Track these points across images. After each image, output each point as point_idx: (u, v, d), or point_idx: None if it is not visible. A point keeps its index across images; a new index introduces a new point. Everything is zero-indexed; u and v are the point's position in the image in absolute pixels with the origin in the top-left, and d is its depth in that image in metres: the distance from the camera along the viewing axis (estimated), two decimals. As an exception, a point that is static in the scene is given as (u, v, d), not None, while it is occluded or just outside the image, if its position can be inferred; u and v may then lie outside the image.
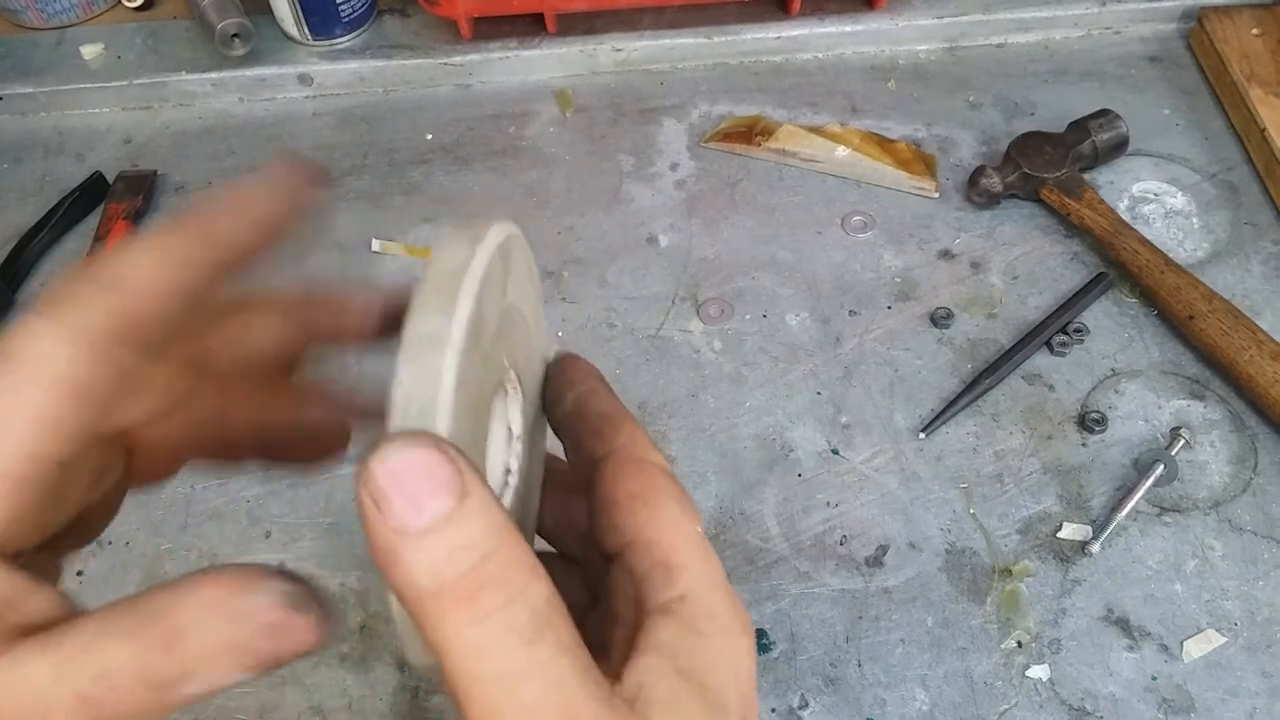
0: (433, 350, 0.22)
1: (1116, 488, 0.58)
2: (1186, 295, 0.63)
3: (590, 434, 0.27)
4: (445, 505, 0.20)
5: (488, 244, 0.24)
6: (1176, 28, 0.82)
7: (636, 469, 0.26)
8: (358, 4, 0.80)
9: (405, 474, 0.20)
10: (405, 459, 0.20)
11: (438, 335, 0.22)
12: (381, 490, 0.20)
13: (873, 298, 0.67)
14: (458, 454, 0.20)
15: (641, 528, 0.25)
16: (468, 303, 0.23)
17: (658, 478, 0.26)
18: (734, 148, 0.75)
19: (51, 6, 0.84)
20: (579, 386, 0.29)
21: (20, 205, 0.75)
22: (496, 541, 0.20)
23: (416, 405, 0.22)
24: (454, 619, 0.20)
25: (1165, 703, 0.51)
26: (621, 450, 0.26)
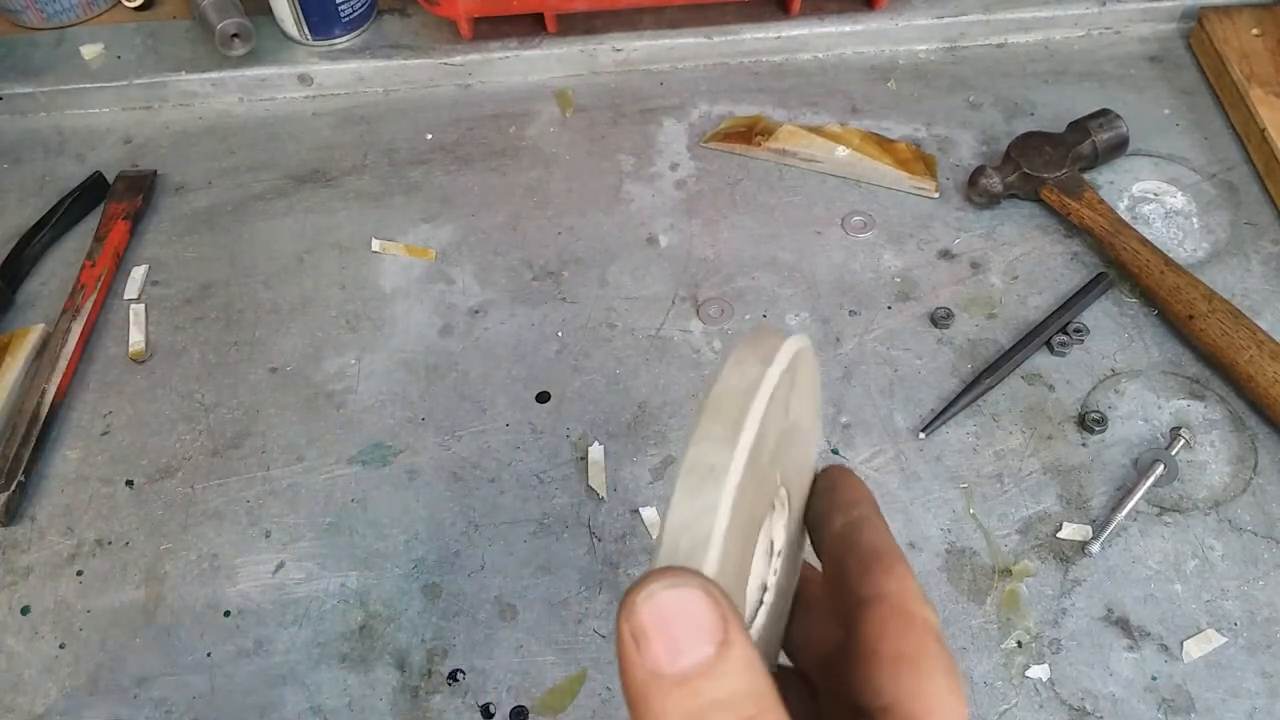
0: (712, 485, 0.21)
1: (1116, 488, 0.58)
2: (1186, 295, 0.63)
3: (859, 569, 0.25)
4: (705, 654, 0.19)
5: (778, 365, 0.23)
6: (1176, 28, 0.82)
7: (907, 626, 0.24)
8: (358, 4, 0.80)
9: (669, 614, 0.19)
10: (670, 598, 0.19)
11: (718, 467, 0.21)
12: (643, 627, 0.19)
13: (873, 298, 0.67)
14: (724, 598, 0.20)
15: (905, 696, 0.23)
16: (751, 433, 0.21)
17: (928, 641, 0.24)
18: (734, 148, 0.75)
19: (51, 6, 0.84)
20: (851, 512, 0.27)
21: (20, 205, 0.75)
22: (757, 705, 0.19)
23: (688, 541, 0.21)
24: None
25: (1165, 703, 0.51)
26: (892, 599, 0.24)
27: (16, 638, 0.56)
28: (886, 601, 0.24)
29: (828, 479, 0.29)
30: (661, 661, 0.19)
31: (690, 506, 0.21)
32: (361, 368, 0.65)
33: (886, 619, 0.24)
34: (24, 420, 0.62)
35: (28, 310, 0.70)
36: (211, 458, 0.62)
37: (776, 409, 0.23)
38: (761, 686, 0.19)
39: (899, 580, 0.25)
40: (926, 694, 0.23)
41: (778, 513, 0.27)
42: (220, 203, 0.75)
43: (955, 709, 0.23)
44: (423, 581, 0.57)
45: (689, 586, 0.19)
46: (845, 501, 0.27)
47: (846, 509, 0.27)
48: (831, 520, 0.27)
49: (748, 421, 0.21)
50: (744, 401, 0.22)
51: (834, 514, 0.27)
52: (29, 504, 0.60)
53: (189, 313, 0.69)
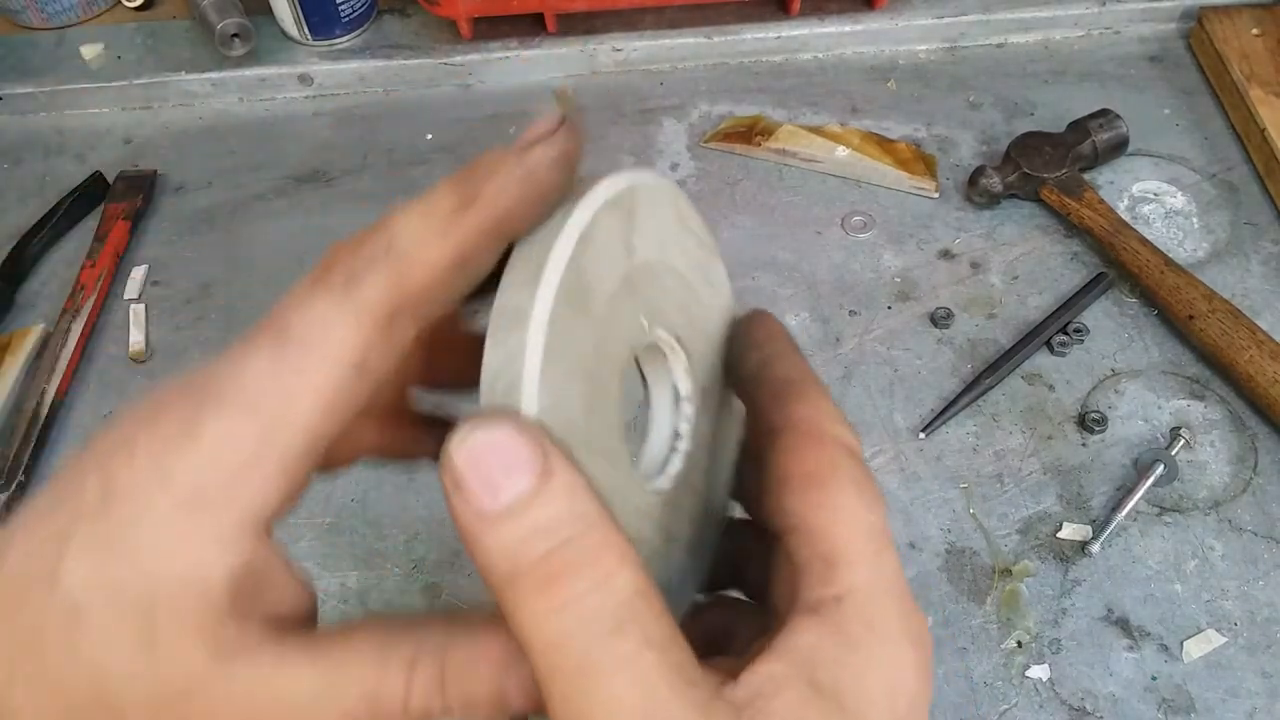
0: (518, 326, 0.21)
1: (1116, 488, 0.58)
2: (1186, 295, 0.63)
3: (770, 400, 0.24)
4: (523, 486, 0.19)
5: (588, 202, 0.22)
6: (1176, 28, 0.82)
7: (815, 443, 0.23)
8: (358, 4, 0.80)
9: (482, 456, 0.19)
10: (482, 440, 0.19)
11: (523, 308, 0.21)
12: (459, 472, 0.19)
13: (873, 298, 0.67)
14: (540, 433, 0.20)
15: (809, 512, 0.22)
16: (556, 271, 0.21)
17: (838, 456, 0.23)
18: (734, 148, 0.75)
19: (51, 6, 0.84)
20: (764, 348, 0.26)
21: (20, 205, 0.75)
22: (581, 525, 0.19)
23: (502, 384, 0.21)
24: (530, 605, 0.19)
25: (1165, 703, 0.51)
26: (803, 422, 0.23)
27: None
28: (797, 425, 0.23)
29: (742, 323, 0.28)
30: (481, 500, 0.19)
31: (500, 351, 0.21)
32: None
33: (796, 441, 0.23)
34: (24, 420, 0.62)
35: (28, 310, 0.70)
36: (211, 458, 0.62)
37: (605, 248, 0.23)
38: (584, 508, 0.19)
39: (811, 404, 0.24)
40: (831, 507, 0.22)
41: (673, 358, 0.26)
42: (220, 203, 0.75)
43: (863, 519, 0.22)
44: (423, 581, 0.57)
45: (499, 426, 0.19)
46: (757, 339, 0.27)
47: (759, 346, 0.26)
48: (745, 360, 0.26)
49: (550, 260, 0.21)
50: (547, 244, 0.21)
51: (747, 353, 0.27)
52: (29, 504, 0.60)
53: (189, 313, 0.69)
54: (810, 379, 0.25)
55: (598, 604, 0.19)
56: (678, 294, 0.26)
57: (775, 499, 0.23)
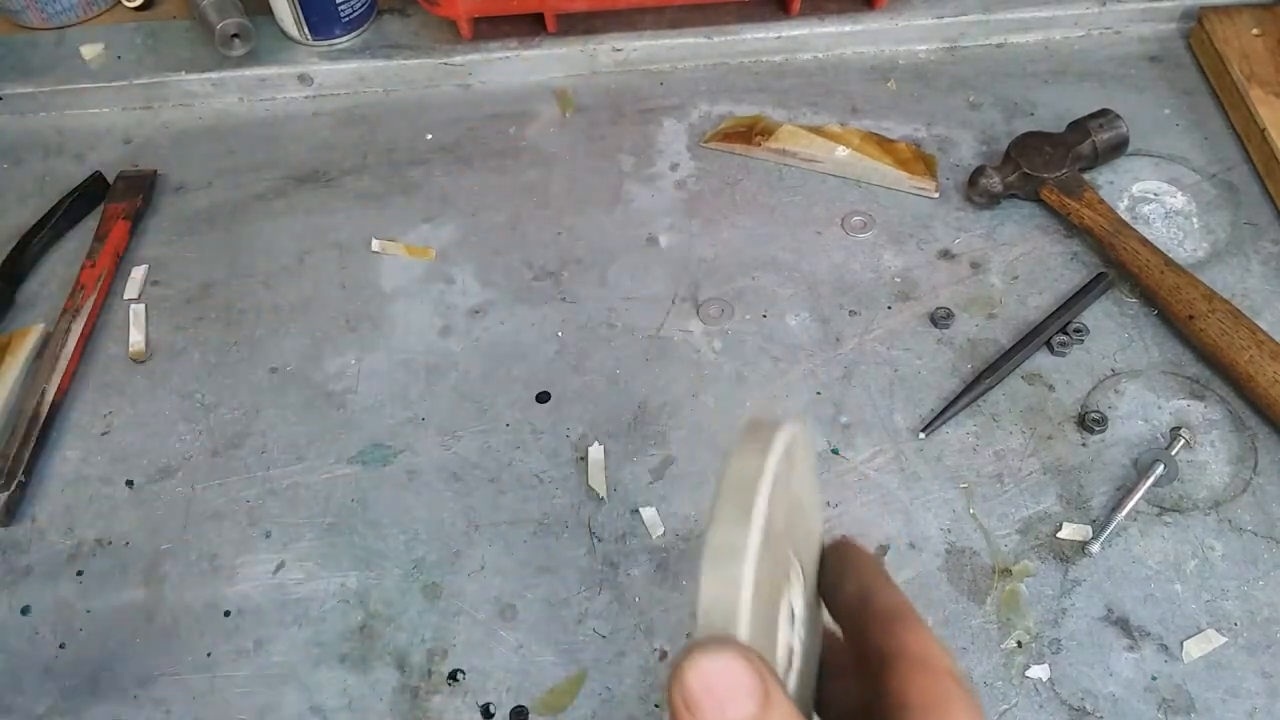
0: (732, 561, 0.24)
1: (1116, 488, 0.58)
2: (1186, 295, 0.63)
3: (879, 629, 0.27)
4: (749, 710, 0.21)
5: (775, 451, 0.26)
6: (1176, 28, 0.82)
7: (930, 676, 0.26)
8: (358, 4, 0.80)
9: (714, 679, 0.21)
10: (714, 665, 0.21)
11: (735, 546, 0.24)
12: (693, 693, 0.21)
13: (873, 298, 0.67)
14: (760, 660, 0.22)
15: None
16: (761, 513, 0.24)
17: (951, 687, 0.26)
18: (734, 148, 0.75)
19: (51, 6, 0.84)
20: (863, 577, 0.29)
21: (20, 205, 0.75)
22: None
23: (719, 614, 0.23)
24: None
25: (1165, 703, 0.51)
26: (914, 652, 0.26)
27: (16, 638, 0.56)
28: (909, 654, 0.26)
29: (836, 550, 0.31)
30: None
31: (717, 583, 0.24)
32: (361, 368, 0.65)
33: (911, 670, 0.26)
34: (24, 420, 0.62)
35: (28, 310, 0.70)
36: (211, 458, 0.62)
37: (780, 490, 0.26)
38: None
39: (919, 635, 0.27)
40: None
41: (794, 582, 0.29)
42: (220, 203, 0.75)
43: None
44: (423, 581, 0.57)
45: (729, 653, 0.22)
46: (856, 568, 0.30)
47: (858, 574, 0.30)
48: (845, 585, 0.30)
49: (757, 503, 0.24)
50: (751, 486, 0.25)
51: (846, 579, 0.30)
52: (29, 504, 0.60)
53: (189, 313, 0.69)
54: (912, 609, 0.28)
55: None
56: (803, 524, 0.30)
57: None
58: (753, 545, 0.24)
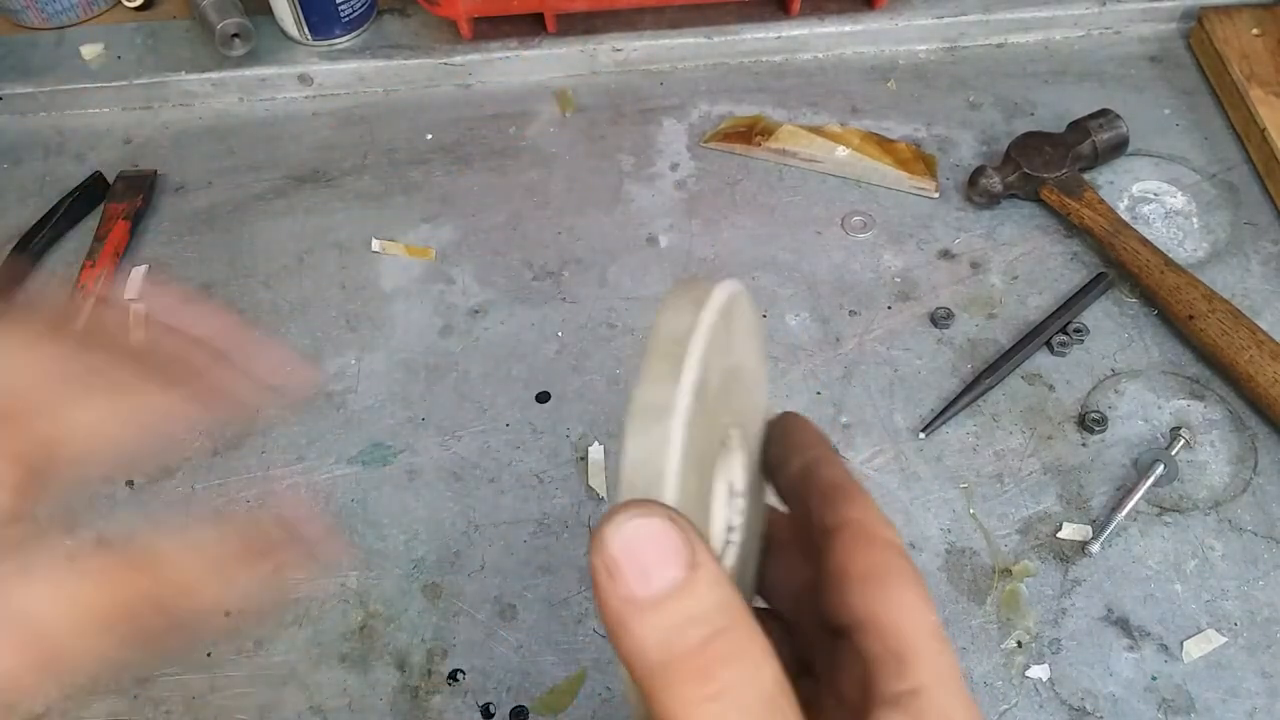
0: (659, 420, 0.22)
1: (1116, 488, 0.58)
2: (1186, 295, 0.63)
3: (822, 502, 0.27)
4: (675, 576, 0.20)
5: (711, 307, 0.24)
6: (1176, 28, 0.82)
7: (871, 545, 0.25)
8: (358, 4, 0.80)
9: (636, 543, 0.20)
10: (636, 528, 0.20)
11: (664, 405, 0.22)
12: (614, 558, 0.20)
13: (873, 298, 0.67)
14: (688, 525, 0.21)
15: (875, 609, 0.24)
16: (692, 370, 0.23)
17: (894, 558, 0.25)
18: (734, 148, 0.75)
19: (51, 6, 0.84)
20: (808, 451, 0.28)
21: (20, 205, 0.75)
22: (728, 618, 0.20)
23: (644, 476, 0.22)
24: (683, 694, 0.20)
25: (1165, 703, 0.51)
26: (855, 523, 0.26)
27: (16, 638, 0.56)
28: (850, 527, 0.25)
29: (781, 425, 0.30)
30: (634, 587, 0.20)
31: (643, 443, 0.22)
32: (361, 368, 0.65)
33: (852, 542, 0.25)
34: (24, 420, 0.62)
35: (28, 310, 0.69)
36: (211, 458, 0.62)
37: (715, 349, 0.24)
38: (731, 600, 0.21)
39: (861, 507, 0.26)
40: (895, 605, 0.24)
41: (734, 454, 0.28)
42: (220, 203, 0.75)
43: (925, 616, 0.24)
44: (423, 581, 0.57)
45: (653, 516, 0.21)
46: (800, 443, 0.29)
47: (802, 450, 0.28)
48: (789, 461, 0.28)
49: (688, 360, 0.23)
50: (684, 342, 0.23)
51: (791, 456, 0.28)
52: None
53: (189, 313, 0.69)
54: (856, 484, 0.27)
55: (750, 694, 0.20)
56: (744, 393, 0.28)
57: (837, 595, 0.25)
58: (682, 404, 0.22)
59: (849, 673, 0.24)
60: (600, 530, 0.20)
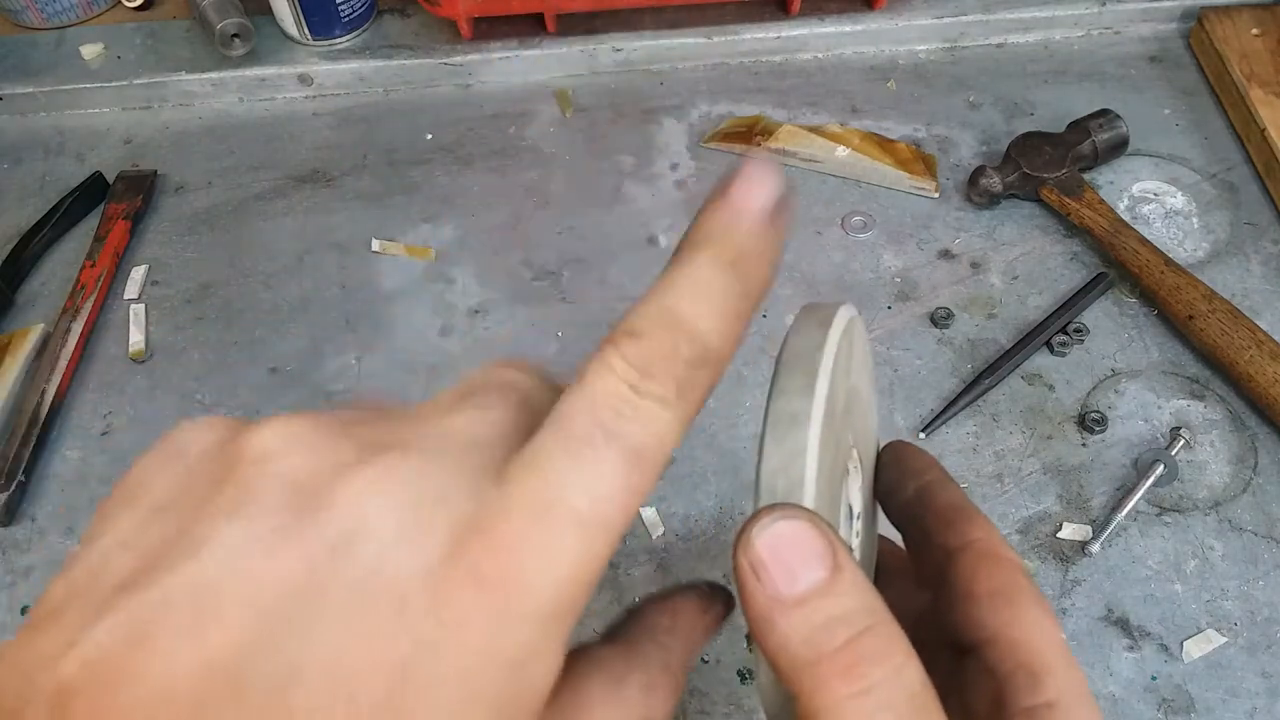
0: (797, 428, 0.23)
1: (1116, 488, 0.58)
2: (1186, 295, 0.63)
3: (942, 525, 0.27)
4: (820, 576, 0.21)
5: (837, 325, 0.25)
6: (1176, 28, 0.82)
7: (997, 564, 0.26)
8: (358, 4, 0.80)
9: (782, 544, 0.21)
10: (781, 530, 0.21)
11: (801, 414, 0.23)
12: (760, 559, 0.21)
13: (873, 298, 0.67)
14: (829, 528, 0.21)
15: (1004, 626, 0.24)
16: (824, 381, 0.24)
17: (1020, 577, 0.25)
18: (734, 148, 0.75)
19: (51, 6, 0.84)
20: (924, 475, 0.29)
21: (20, 205, 0.75)
22: (872, 617, 0.21)
23: (784, 481, 0.23)
24: (831, 691, 0.20)
25: (1165, 703, 0.51)
26: (980, 543, 0.26)
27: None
28: (975, 547, 0.26)
29: (893, 451, 0.31)
30: (780, 587, 0.21)
31: (780, 452, 0.23)
32: (361, 368, 0.65)
33: (978, 562, 0.26)
34: (24, 420, 0.62)
35: (28, 310, 0.70)
36: (211, 458, 0.62)
37: (840, 368, 0.25)
38: (874, 601, 0.21)
39: (983, 528, 0.27)
40: (1024, 622, 0.24)
41: (852, 476, 0.28)
42: (220, 203, 0.75)
43: (1051, 632, 0.24)
44: (423, 581, 0.56)
45: (797, 518, 0.21)
46: (915, 469, 0.29)
47: (917, 475, 0.29)
48: (904, 487, 0.29)
49: (820, 372, 0.24)
50: (814, 357, 0.24)
51: (905, 481, 0.29)
52: (29, 504, 0.60)
53: (189, 313, 0.69)
54: (973, 506, 0.28)
55: (895, 692, 0.20)
56: (861, 417, 0.29)
57: (965, 613, 0.25)
58: (817, 414, 0.23)
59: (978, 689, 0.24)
60: (746, 532, 0.21)
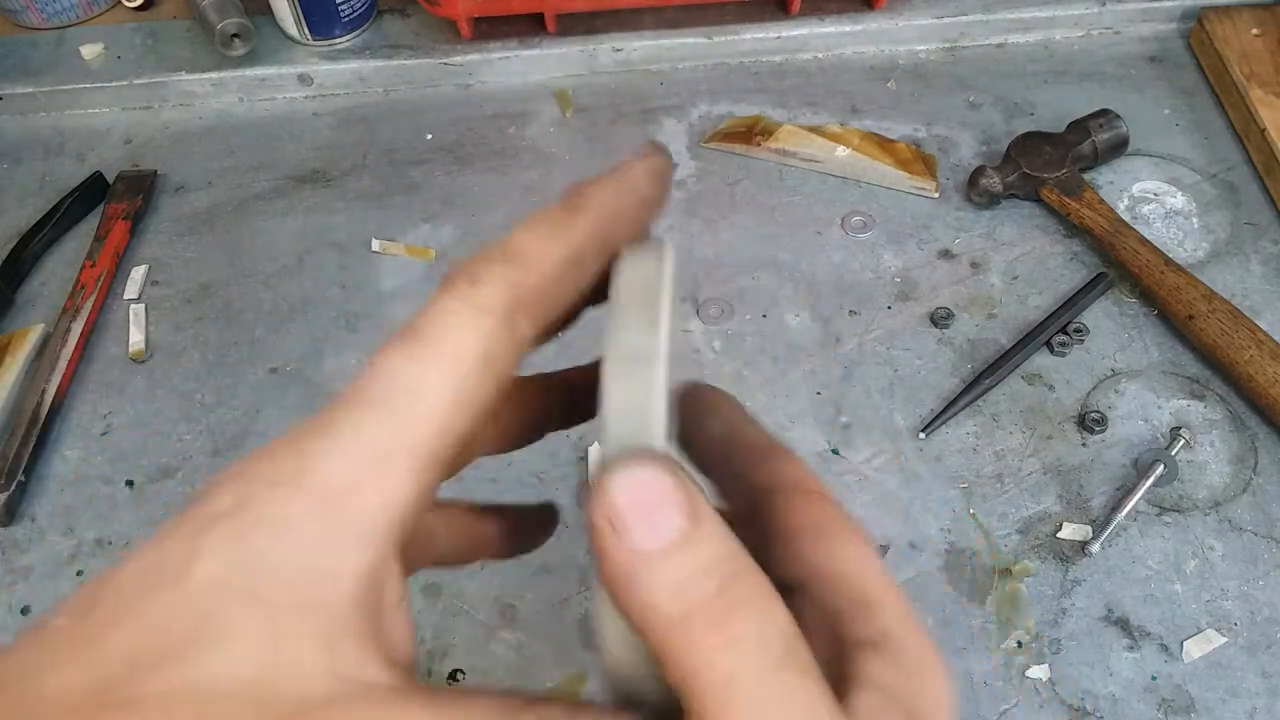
0: (642, 366, 0.22)
1: (1116, 488, 0.58)
2: (1186, 295, 0.63)
3: (751, 466, 0.26)
4: (681, 525, 0.20)
5: (668, 260, 0.24)
6: (1176, 28, 0.82)
7: (811, 499, 0.25)
8: (358, 4, 0.80)
9: (640, 494, 0.20)
10: (638, 479, 0.20)
11: (644, 350, 0.22)
12: (619, 511, 0.20)
13: (872, 298, 0.67)
14: (684, 472, 0.20)
15: (827, 561, 0.24)
16: (667, 317, 0.22)
17: (832, 509, 0.25)
18: (734, 148, 0.75)
19: (51, 6, 0.84)
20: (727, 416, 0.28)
21: (20, 205, 0.75)
22: (737, 564, 0.20)
23: (631, 425, 0.21)
24: (704, 643, 0.19)
25: (1165, 703, 0.51)
26: (792, 481, 0.25)
27: (16, 638, 0.56)
28: (787, 484, 0.25)
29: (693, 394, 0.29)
30: (642, 539, 0.20)
31: (627, 391, 0.21)
32: (361, 368, 0.65)
33: (791, 498, 0.25)
34: (24, 420, 0.62)
35: (28, 310, 0.70)
36: (211, 458, 0.62)
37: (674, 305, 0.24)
38: (734, 547, 0.20)
39: (792, 464, 0.26)
40: (847, 556, 0.24)
41: None
42: (220, 203, 0.75)
43: (873, 563, 0.24)
44: (423, 581, 0.57)
45: (653, 467, 0.20)
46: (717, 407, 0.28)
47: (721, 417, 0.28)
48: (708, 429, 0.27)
49: (662, 307, 0.22)
50: (654, 291, 0.23)
51: (709, 423, 0.27)
52: (29, 504, 0.60)
53: (189, 313, 0.69)
54: (779, 442, 0.27)
55: (768, 636, 0.20)
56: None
57: (785, 552, 0.24)
58: (662, 350, 0.22)
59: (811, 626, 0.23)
60: (602, 483, 0.20)
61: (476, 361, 0.22)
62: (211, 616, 0.18)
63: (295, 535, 0.19)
